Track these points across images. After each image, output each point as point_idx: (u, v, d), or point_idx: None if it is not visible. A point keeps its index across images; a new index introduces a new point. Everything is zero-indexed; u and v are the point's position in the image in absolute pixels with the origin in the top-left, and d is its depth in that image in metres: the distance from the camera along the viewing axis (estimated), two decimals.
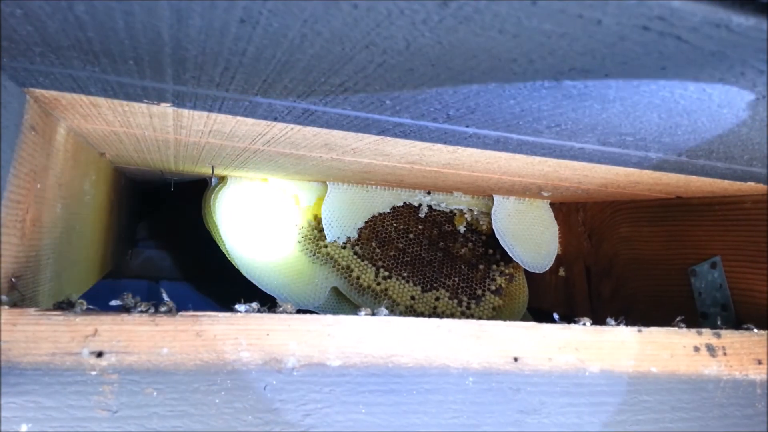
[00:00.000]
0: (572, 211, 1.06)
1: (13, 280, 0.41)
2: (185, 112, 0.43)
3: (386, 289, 1.00)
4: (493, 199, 1.02)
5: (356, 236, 1.00)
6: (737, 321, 0.69)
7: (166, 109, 0.43)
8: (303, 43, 0.27)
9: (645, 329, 0.50)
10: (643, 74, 0.28)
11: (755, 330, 0.54)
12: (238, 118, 0.45)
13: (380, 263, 1.01)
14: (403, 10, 0.23)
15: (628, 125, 0.39)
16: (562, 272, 1.08)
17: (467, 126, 0.43)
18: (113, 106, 0.43)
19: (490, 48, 0.26)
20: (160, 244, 1.40)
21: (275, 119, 0.44)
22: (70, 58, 0.32)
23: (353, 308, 0.98)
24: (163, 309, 0.40)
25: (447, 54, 0.27)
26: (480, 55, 0.27)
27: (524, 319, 1.06)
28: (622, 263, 0.92)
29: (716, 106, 0.32)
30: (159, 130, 0.52)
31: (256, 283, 0.92)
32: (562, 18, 0.22)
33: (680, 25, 0.22)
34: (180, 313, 0.39)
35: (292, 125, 0.46)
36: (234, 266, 0.93)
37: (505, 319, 0.47)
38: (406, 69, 0.30)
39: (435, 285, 1.03)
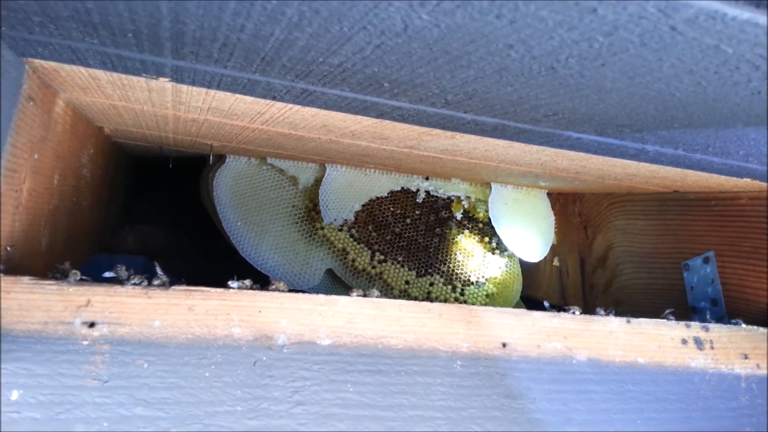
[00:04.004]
0: (569, 202, 1.06)
1: (8, 248, 0.42)
2: (184, 87, 0.43)
3: (381, 273, 1.01)
4: (490, 187, 1.03)
5: (353, 219, 1.01)
6: (727, 316, 0.69)
7: (164, 83, 0.43)
8: (301, 21, 0.27)
9: (634, 320, 0.50)
10: (639, 65, 0.28)
11: (743, 325, 0.55)
12: (237, 95, 0.45)
13: (376, 247, 1.01)
14: None
15: (625, 116, 0.39)
16: (556, 262, 1.09)
17: (465, 112, 0.43)
18: (112, 79, 0.43)
19: (488, 33, 0.26)
20: (157, 220, 1.41)
21: (274, 98, 0.44)
22: (69, 29, 0.32)
23: (347, 291, 0.99)
24: (156, 282, 0.40)
25: (445, 38, 0.27)
26: (478, 40, 0.27)
27: (517, 307, 1.06)
28: (617, 255, 0.92)
29: (711, 100, 0.32)
30: (158, 105, 0.52)
31: (251, 262, 0.92)
32: (559, 5, 0.22)
33: (676, 16, 0.22)
34: (173, 287, 0.39)
35: (290, 105, 0.46)
36: (230, 245, 0.94)
37: (497, 307, 0.47)
38: (404, 51, 0.30)
39: (430, 270, 1.03)
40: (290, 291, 0.43)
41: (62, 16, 0.30)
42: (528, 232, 1.03)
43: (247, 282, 0.43)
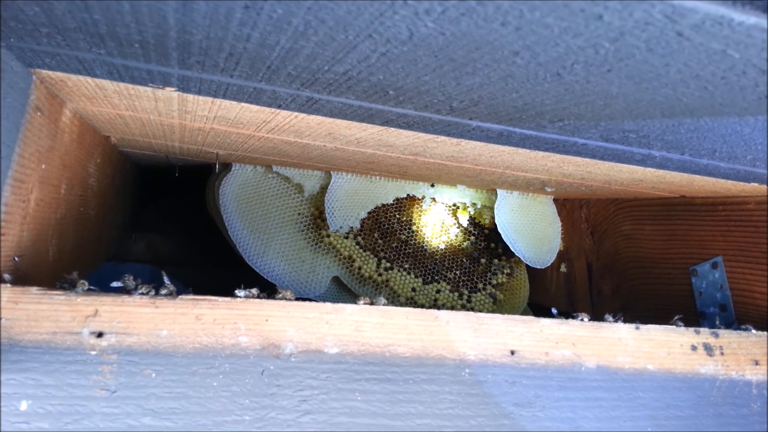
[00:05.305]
0: (575, 208, 1.06)
1: (15, 259, 0.42)
2: (190, 96, 0.44)
3: (387, 280, 1.00)
4: (496, 193, 1.02)
5: (359, 227, 1.01)
6: (736, 321, 0.69)
7: (171, 93, 0.43)
8: (307, 30, 0.27)
9: (643, 326, 0.50)
10: (646, 71, 0.28)
11: (753, 331, 0.54)
12: (243, 104, 0.45)
13: (382, 254, 1.01)
14: (407, 0, 0.23)
15: (631, 122, 0.39)
16: (563, 268, 1.08)
17: (470, 118, 0.43)
18: (119, 89, 0.43)
19: (493, 40, 0.26)
20: (164, 229, 1.41)
21: (279, 107, 0.45)
22: (77, 39, 0.32)
23: (354, 299, 0.98)
24: (163, 292, 0.40)
25: (450, 45, 0.27)
26: (483, 47, 0.27)
27: (525, 314, 1.06)
28: (624, 261, 0.92)
29: (719, 104, 0.32)
30: (164, 114, 0.52)
31: (257, 271, 0.92)
32: (565, 12, 0.22)
33: (682, 22, 0.22)
34: (180, 297, 0.39)
35: (296, 113, 0.46)
36: (236, 253, 0.94)
37: (505, 314, 0.47)
38: (409, 59, 0.30)
39: (436, 277, 1.03)
40: (296, 299, 0.43)
41: (70, 27, 0.30)
42: (534, 238, 1.03)
43: (254, 291, 0.43)
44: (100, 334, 0.37)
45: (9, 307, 0.36)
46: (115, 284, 0.41)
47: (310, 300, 0.44)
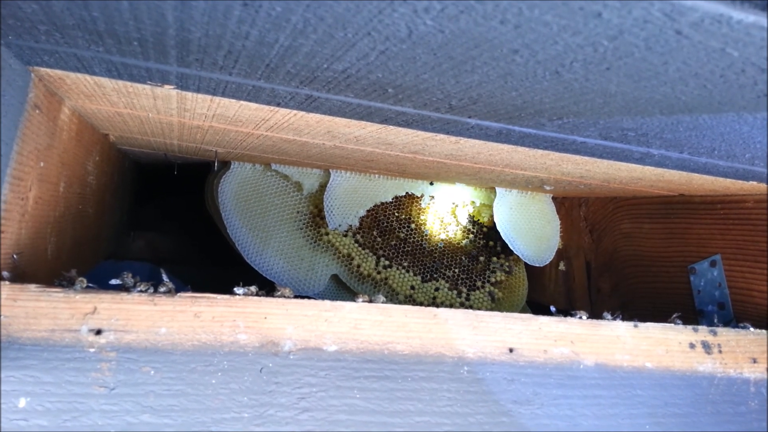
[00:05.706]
0: (574, 206, 1.06)
1: (14, 256, 0.42)
2: (189, 94, 0.44)
3: (386, 278, 1.00)
4: (495, 191, 1.02)
5: (358, 224, 1.01)
6: (735, 320, 0.69)
7: (169, 91, 0.43)
8: (306, 27, 0.27)
9: (641, 324, 0.50)
10: (645, 69, 0.28)
11: (751, 329, 0.54)
12: (242, 102, 0.45)
13: (381, 252, 1.01)
14: None
15: (630, 120, 0.39)
16: (562, 266, 1.08)
17: (469, 117, 0.43)
18: (117, 87, 0.43)
19: (492, 38, 0.26)
20: (162, 226, 1.41)
21: (278, 105, 0.45)
22: (75, 37, 0.32)
23: (353, 297, 0.98)
24: (162, 289, 0.40)
25: (449, 43, 0.27)
26: (482, 45, 0.27)
27: (523, 312, 1.06)
28: (623, 259, 0.92)
29: (717, 102, 0.32)
30: (163, 112, 0.52)
31: (256, 268, 0.93)
32: (563, 10, 0.22)
33: (681, 20, 0.22)
34: (179, 294, 0.39)
35: (295, 111, 0.46)
36: (235, 251, 0.94)
37: (503, 311, 0.47)
38: (408, 57, 0.30)
39: (435, 275, 1.03)
40: (295, 297, 0.43)
41: (68, 25, 0.30)
42: (533, 236, 1.03)
43: (253, 288, 0.43)
44: (98, 332, 0.37)
45: (8, 304, 0.36)
46: (113, 282, 0.41)
47: (308, 298, 0.44)
